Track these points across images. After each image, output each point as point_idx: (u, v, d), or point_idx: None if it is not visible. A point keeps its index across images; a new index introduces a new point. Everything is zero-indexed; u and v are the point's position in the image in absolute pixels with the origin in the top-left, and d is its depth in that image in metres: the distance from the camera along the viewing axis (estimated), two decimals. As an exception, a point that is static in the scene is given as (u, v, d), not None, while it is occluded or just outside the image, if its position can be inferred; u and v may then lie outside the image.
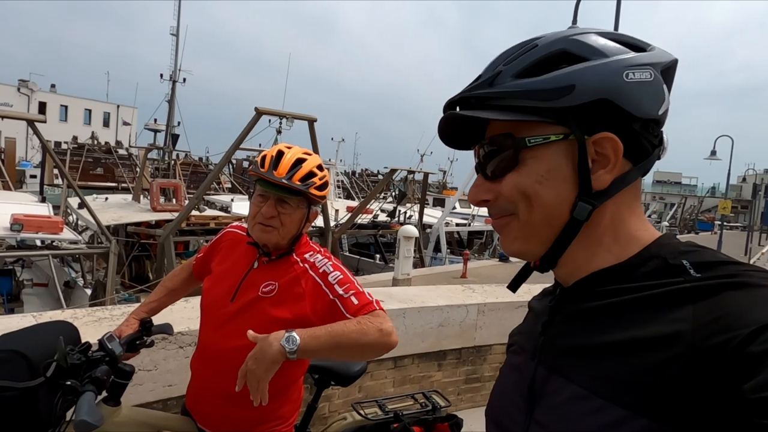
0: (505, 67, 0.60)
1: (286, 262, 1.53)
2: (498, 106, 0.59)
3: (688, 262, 0.54)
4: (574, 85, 0.56)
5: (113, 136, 42.65)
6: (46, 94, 46.11)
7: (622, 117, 0.57)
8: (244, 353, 1.30)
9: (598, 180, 0.58)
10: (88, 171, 22.66)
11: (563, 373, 0.58)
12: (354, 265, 15.09)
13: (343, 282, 1.44)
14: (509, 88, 0.59)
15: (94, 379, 1.28)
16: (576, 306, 0.61)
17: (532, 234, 0.61)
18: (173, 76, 26.14)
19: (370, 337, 1.31)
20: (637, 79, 0.56)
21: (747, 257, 19.16)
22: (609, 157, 0.58)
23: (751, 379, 0.43)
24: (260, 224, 1.48)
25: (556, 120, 0.57)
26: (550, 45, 0.59)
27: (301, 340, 1.23)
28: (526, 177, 0.59)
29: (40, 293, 9.33)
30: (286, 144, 1.56)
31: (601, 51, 0.58)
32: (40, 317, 2.29)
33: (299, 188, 1.46)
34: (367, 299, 1.41)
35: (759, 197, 26.65)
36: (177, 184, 13.56)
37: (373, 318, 1.35)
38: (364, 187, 30.06)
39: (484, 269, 11.54)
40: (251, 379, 1.21)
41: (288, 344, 1.22)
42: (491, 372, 3.66)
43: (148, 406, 2.22)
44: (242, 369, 1.23)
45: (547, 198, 0.59)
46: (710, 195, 56.45)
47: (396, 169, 15.30)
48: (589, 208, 0.58)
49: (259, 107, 8.76)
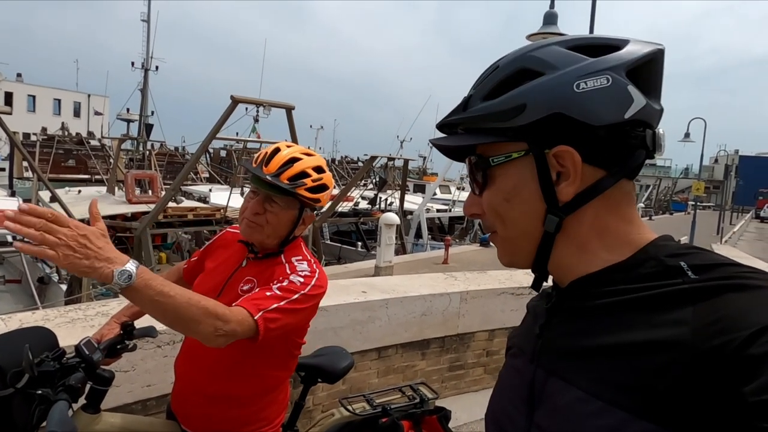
0: (474, 91, 0.63)
1: (272, 262, 1.49)
2: (470, 129, 0.64)
3: (686, 264, 0.54)
4: (525, 104, 0.58)
5: (85, 126, 41.52)
6: (12, 84, 44.63)
7: (579, 128, 0.57)
8: (230, 352, 1.27)
9: (561, 193, 0.59)
10: (60, 163, 22.08)
11: (563, 376, 0.58)
12: (336, 253, 15.07)
13: (286, 288, 1.34)
14: (475, 113, 0.62)
15: (68, 387, 1.23)
16: (574, 307, 0.61)
17: (514, 247, 0.65)
18: (145, 64, 25.58)
19: (203, 323, 1.13)
20: (590, 88, 0.56)
21: (719, 236, 19.72)
22: (568, 170, 0.58)
23: (751, 381, 0.43)
24: (246, 219, 1.46)
25: (516, 138, 0.60)
26: (509, 65, 0.61)
27: (135, 283, 1.02)
28: (494, 195, 0.63)
29: (13, 290, 9.09)
30: (288, 143, 1.52)
31: (554, 65, 0.58)
32: (9, 320, 2.21)
33: (284, 187, 1.41)
34: (264, 305, 1.26)
35: (730, 178, 27.38)
36: (153, 175, 13.32)
37: (230, 314, 1.19)
38: (345, 175, 29.98)
39: (465, 254, 11.63)
40: (58, 252, 0.93)
41: (119, 278, 1.00)
42: (474, 359, 3.69)
43: (127, 407, 2.18)
44: (54, 239, 0.93)
45: (515, 214, 0.62)
46: (684, 176, 57.81)
47: (376, 156, 15.23)
48: (556, 220, 0.60)
49: (235, 95, 8.61)
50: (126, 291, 1.03)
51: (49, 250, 0.93)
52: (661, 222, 27.23)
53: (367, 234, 16.40)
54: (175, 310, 1.09)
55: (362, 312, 3.02)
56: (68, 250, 0.94)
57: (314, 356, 1.95)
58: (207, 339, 1.17)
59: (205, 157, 24.28)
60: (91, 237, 0.98)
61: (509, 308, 3.70)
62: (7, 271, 9.45)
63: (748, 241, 22.31)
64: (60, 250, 0.93)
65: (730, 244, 18.64)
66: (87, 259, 0.96)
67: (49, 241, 0.93)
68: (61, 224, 0.95)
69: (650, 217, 29.40)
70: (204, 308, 1.14)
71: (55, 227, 0.94)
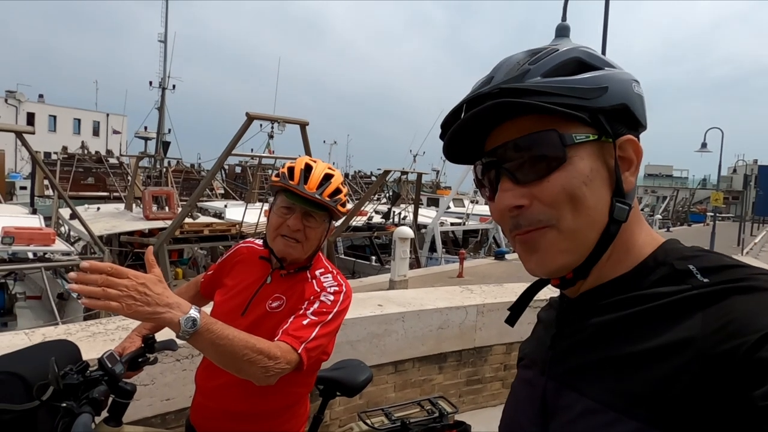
0: (531, 66, 0.59)
1: (299, 277, 1.51)
2: (534, 100, 0.56)
3: (695, 267, 0.54)
4: (608, 87, 0.57)
5: (103, 145, 42.43)
6: (34, 105, 45.81)
7: (635, 124, 0.61)
8: None
9: (626, 182, 0.59)
10: (79, 181, 22.49)
11: (575, 387, 0.58)
12: (350, 268, 15.06)
13: (319, 311, 1.38)
14: (548, 83, 0.57)
15: (92, 400, 1.24)
16: (584, 318, 0.60)
17: (578, 243, 0.58)
18: (162, 83, 26.01)
19: (256, 364, 1.18)
20: (638, 92, 0.60)
21: (740, 247, 19.31)
22: (632, 160, 0.60)
23: (761, 386, 0.43)
24: (285, 237, 1.45)
25: (590, 120, 0.57)
26: (568, 52, 0.60)
27: (200, 331, 1.06)
28: (573, 178, 0.56)
29: (33, 306, 9.22)
30: (310, 158, 1.53)
31: (611, 64, 0.61)
32: (32, 334, 2.25)
33: (329, 204, 1.44)
34: (305, 336, 1.30)
35: (750, 188, 26.87)
36: (169, 191, 13.49)
37: (279, 352, 1.23)
38: (358, 189, 30.06)
39: (480, 268, 11.55)
40: (122, 303, 0.98)
41: (185, 326, 1.04)
42: (492, 373, 3.65)
43: (147, 421, 2.19)
44: (116, 292, 0.97)
45: (592, 200, 0.57)
46: (701, 187, 56.90)
47: (389, 170, 15.25)
48: (627, 209, 0.58)
49: (250, 112, 8.71)
50: (191, 336, 1.07)
51: (113, 303, 0.97)
52: (679, 234, 26.67)
53: (381, 248, 16.38)
54: (233, 352, 1.14)
55: (379, 325, 3.01)
56: (130, 299, 0.99)
57: (333, 369, 1.94)
58: (259, 380, 1.22)
59: (220, 174, 24.57)
60: (149, 284, 1.02)
61: (527, 321, 3.58)
62: (27, 288, 9.60)
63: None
64: (123, 301, 0.98)
65: (752, 255, 18.25)
66: (149, 305, 1.01)
67: (111, 294, 0.97)
68: (120, 276, 1.00)
69: (668, 228, 28.93)
70: (258, 350, 1.18)
71: (116, 280, 0.99)
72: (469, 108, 0.60)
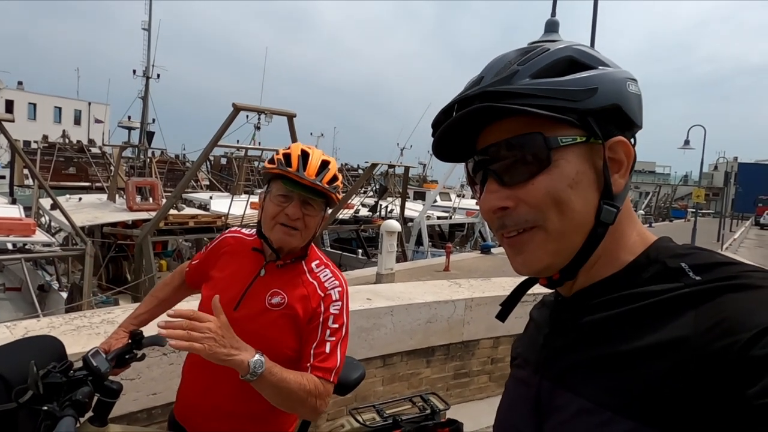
0: (520, 67, 0.58)
1: (294, 270, 1.46)
2: (519, 103, 0.56)
3: (687, 265, 0.54)
4: (597, 88, 0.57)
5: (85, 134, 41.50)
6: (13, 92, 44.75)
7: (628, 125, 0.60)
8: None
9: (615, 183, 0.58)
10: (60, 171, 21.99)
11: (569, 387, 0.57)
12: (336, 261, 14.96)
13: (336, 330, 1.40)
14: (535, 85, 0.56)
15: (75, 402, 1.20)
16: (578, 316, 0.60)
17: (563, 244, 0.58)
18: (146, 72, 25.60)
19: (307, 403, 1.29)
20: (633, 91, 0.59)
21: (719, 243, 19.68)
22: (622, 161, 0.59)
23: (755, 384, 0.43)
24: (284, 226, 1.39)
25: (580, 121, 0.57)
26: (560, 51, 0.59)
27: (265, 374, 1.19)
28: (558, 180, 0.56)
29: (13, 298, 9.06)
30: (305, 145, 1.47)
31: (604, 62, 0.60)
32: (14, 327, 2.19)
33: (329, 190, 1.41)
34: (334, 365, 1.37)
35: (730, 184, 27.38)
36: (153, 182, 13.29)
37: (322, 387, 1.33)
38: (345, 182, 30.00)
39: (466, 262, 11.59)
40: (204, 344, 1.11)
41: (255, 368, 1.17)
42: (479, 367, 3.67)
43: (132, 416, 2.15)
44: (199, 335, 1.11)
45: (578, 203, 0.57)
46: (683, 183, 57.83)
47: (377, 163, 15.22)
48: (614, 211, 0.58)
49: (236, 103, 8.62)
50: (254, 381, 1.18)
51: (196, 344, 1.10)
52: (661, 229, 27.18)
53: (368, 241, 16.36)
54: (289, 393, 1.25)
55: (367, 319, 3.00)
56: (212, 341, 1.12)
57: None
58: (309, 416, 1.36)
59: (205, 165, 24.29)
60: (224, 329, 1.16)
61: (514, 315, 3.60)
62: (7, 279, 9.44)
63: (749, 248, 22.29)
64: (206, 342, 1.11)
65: (731, 251, 18.62)
66: (225, 347, 1.14)
67: (195, 336, 1.11)
68: (201, 320, 1.14)
69: (650, 224, 29.39)
70: (308, 391, 1.29)
71: (198, 324, 1.13)
72: (459, 108, 0.60)
